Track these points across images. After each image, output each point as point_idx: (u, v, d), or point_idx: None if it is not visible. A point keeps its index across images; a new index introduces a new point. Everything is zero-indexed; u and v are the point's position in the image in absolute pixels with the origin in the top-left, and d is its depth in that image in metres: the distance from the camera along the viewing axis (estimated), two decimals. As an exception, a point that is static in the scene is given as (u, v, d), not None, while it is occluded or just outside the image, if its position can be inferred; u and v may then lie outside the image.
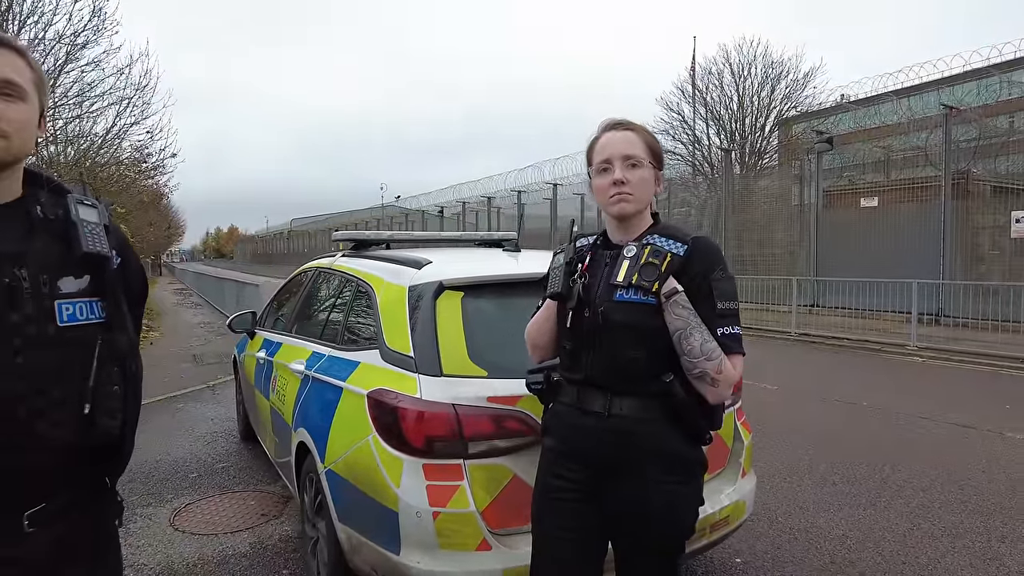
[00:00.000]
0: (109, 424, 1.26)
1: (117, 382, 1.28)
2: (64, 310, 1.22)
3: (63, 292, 1.23)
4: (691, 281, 1.54)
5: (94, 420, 1.23)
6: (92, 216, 1.28)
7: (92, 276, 1.27)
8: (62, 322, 1.21)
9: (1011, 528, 3.47)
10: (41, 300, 1.19)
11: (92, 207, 1.30)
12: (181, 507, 3.88)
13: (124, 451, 1.34)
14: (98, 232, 1.27)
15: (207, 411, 6.35)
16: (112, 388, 1.27)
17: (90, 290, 1.27)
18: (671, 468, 1.57)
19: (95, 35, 11.93)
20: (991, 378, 7.88)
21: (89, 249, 1.24)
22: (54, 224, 1.24)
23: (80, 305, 1.25)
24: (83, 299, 1.26)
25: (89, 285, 1.27)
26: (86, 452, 1.26)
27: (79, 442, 1.23)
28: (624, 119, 1.67)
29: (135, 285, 1.45)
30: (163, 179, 17.96)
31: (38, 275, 1.19)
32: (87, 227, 1.25)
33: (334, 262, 3.61)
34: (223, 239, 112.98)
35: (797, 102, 27.89)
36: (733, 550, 3.21)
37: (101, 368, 1.25)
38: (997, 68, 15.14)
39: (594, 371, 1.60)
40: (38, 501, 1.20)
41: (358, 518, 2.36)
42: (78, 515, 1.28)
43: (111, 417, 1.26)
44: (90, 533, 1.32)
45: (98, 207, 1.31)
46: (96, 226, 1.27)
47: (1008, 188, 12.82)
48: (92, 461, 1.29)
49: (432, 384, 2.21)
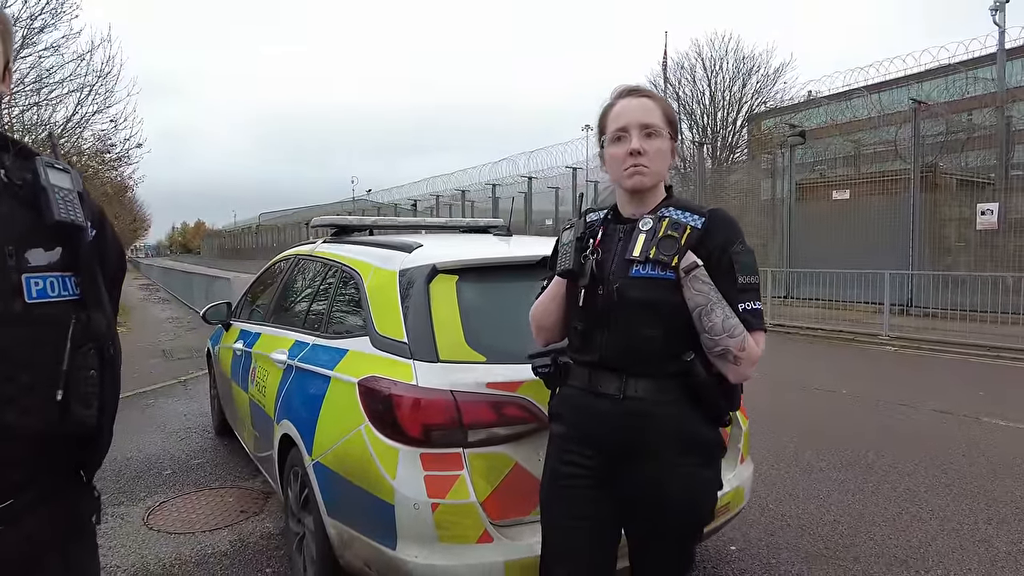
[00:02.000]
0: (84, 413, 1.14)
1: (93, 366, 1.16)
2: (33, 285, 1.09)
3: (32, 265, 1.09)
4: (710, 255, 1.47)
5: (68, 407, 1.11)
6: (64, 181, 1.14)
7: (64, 248, 1.14)
8: (31, 298, 1.08)
9: (996, 511, 3.51)
10: (7, 273, 1.06)
11: (64, 171, 1.16)
12: (155, 505, 3.71)
13: (101, 442, 1.22)
14: (71, 199, 1.13)
15: (179, 407, 6.14)
16: (88, 373, 1.15)
17: (62, 264, 1.14)
18: (690, 451, 1.50)
19: (53, 19, 11.44)
20: (962, 366, 8.05)
21: (61, 217, 1.11)
22: (21, 189, 1.11)
23: (51, 280, 1.12)
24: (54, 273, 1.12)
25: (61, 258, 1.14)
26: (59, 442, 1.14)
27: (51, 431, 1.11)
28: (640, 85, 1.59)
29: (112, 260, 1.32)
30: (128, 170, 17.38)
31: (3, 246, 1.06)
32: (59, 193, 1.12)
33: (315, 248, 3.47)
34: (190, 234, 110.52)
35: (768, 97, 28.25)
36: (727, 538, 3.18)
37: (75, 350, 1.12)
38: (963, 65, 15.50)
39: (608, 352, 1.52)
40: (5, 497, 1.07)
41: (349, 512, 2.25)
42: (50, 511, 1.16)
43: (86, 405, 1.14)
44: (64, 530, 1.20)
45: (71, 172, 1.17)
46: (69, 192, 1.14)
47: (973, 181, 13.16)
48: (66, 452, 1.18)
49: (429, 370, 2.11)
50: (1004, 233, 11.54)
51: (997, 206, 11.48)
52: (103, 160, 14.81)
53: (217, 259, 58.15)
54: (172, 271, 25.89)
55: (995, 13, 12.67)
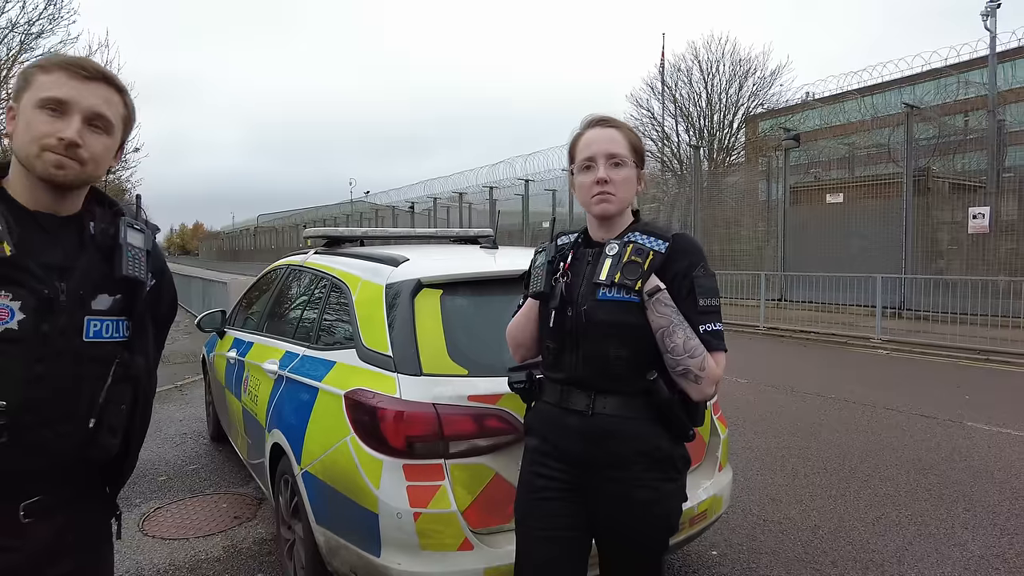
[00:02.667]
0: (110, 441, 1.30)
1: (126, 401, 1.32)
2: (92, 326, 1.26)
3: (95, 309, 1.27)
4: (673, 278, 1.55)
5: (97, 435, 1.27)
6: (138, 241, 1.33)
7: (124, 296, 1.32)
8: (87, 337, 1.25)
9: (972, 515, 3.59)
10: (73, 314, 1.23)
11: (140, 232, 1.35)
12: (150, 511, 3.78)
13: (125, 465, 1.40)
14: (139, 257, 1.32)
15: (175, 412, 6.21)
16: (120, 407, 1.31)
17: (119, 309, 1.31)
18: (655, 465, 1.57)
19: (51, 24, 11.57)
20: (952, 369, 8.13)
21: (127, 273, 1.29)
22: (102, 243, 1.29)
23: (107, 323, 1.29)
24: (111, 317, 1.30)
25: (119, 304, 1.31)
26: (85, 462, 1.30)
27: (78, 453, 1.26)
28: (608, 116, 1.66)
29: (164, 308, 1.50)
30: (126, 174, 17.47)
31: (77, 290, 1.24)
32: (131, 251, 1.30)
33: (307, 259, 3.54)
34: (188, 236, 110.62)
35: (764, 99, 28.41)
36: (709, 543, 3.26)
37: (114, 386, 1.29)
38: (954, 68, 15.60)
39: (577, 370, 1.60)
40: (34, 495, 1.23)
41: (336, 520, 2.32)
42: (76, 512, 1.31)
43: (112, 435, 1.30)
44: (89, 529, 1.36)
45: (145, 232, 1.36)
46: (140, 251, 1.32)
47: (965, 185, 13.26)
48: (91, 470, 1.33)
49: (412, 383, 2.18)
50: (995, 237, 11.64)
51: (988, 210, 11.58)
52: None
53: (215, 261, 58.19)
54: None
55: (986, 18, 12.77)
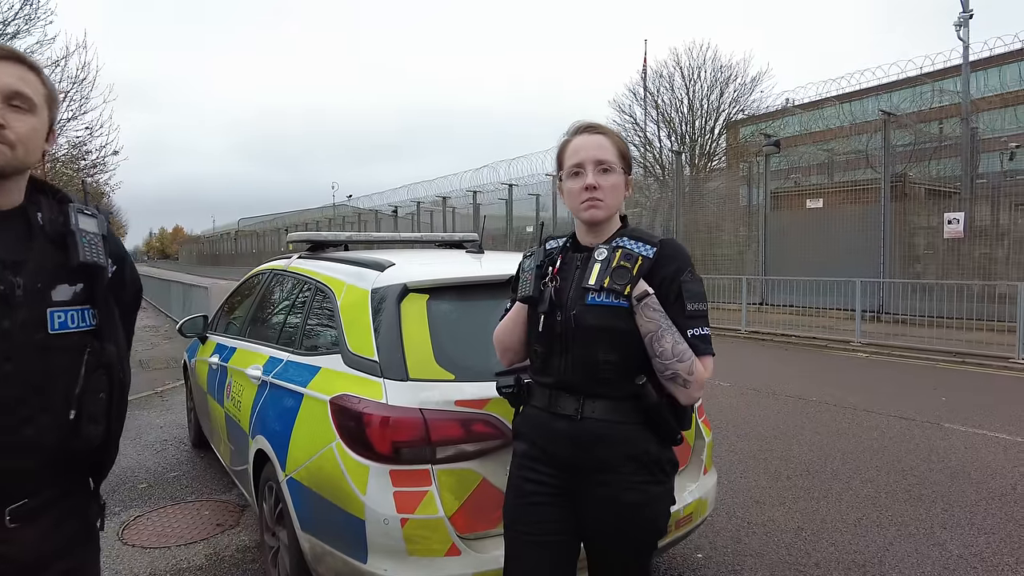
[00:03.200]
0: (93, 431, 1.29)
1: (103, 389, 1.31)
2: (56, 318, 1.24)
3: (56, 300, 1.25)
4: (661, 283, 1.56)
5: (79, 426, 1.26)
6: (91, 226, 1.31)
7: (85, 284, 1.29)
8: (53, 329, 1.23)
9: (951, 515, 3.65)
10: (33, 307, 1.21)
11: (92, 217, 1.32)
12: (130, 520, 3.72)
13: (108, 456, 1.39)
14: (96, 242, 1.29)
15: (155, 418, 6.12)
16: (98, 396, 1.30)
17: (82, 298, 1.29)
18: (643, 469, 1.58)
19: (27, 24, 11.37)
20: (929, 372, 8.27)
21: (86, 259, 1.26)
22: (53, 232, 1.27)
23: (72, 313, 1.27)
24: (75, 307, 1.28)
25: (82, 293, 1.29)
26: (70, 454, 1.28)
27: (63, 446, 1.25)
28: (596, 122, 1.68)
29: (129, 294, 1.48)
30: (104, 177, 17.20)
31: (34, 282, 1.21)
32: (85, 237, 1.28)
33: (290, 264, 3.52)
34: (167, 240, 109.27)
35: (745, 106, 28.74)
36: (694, 546, 3.28)
37: (89, 375, 1.28)
38: (929, 76, 15.93)
39: (566, 374, 1.60)
40: (20, 498, 1.22)
41: (322, 526, 2.30)
42: (62, 513, 1.30)
43: (95, 424, 1.29)
44: (75, 530, 1.34)
45: (98, 217, 1.33)
46: (95, 236, 1.30)
47: (940, 191, 13.52)
48: (76, 463, 1.32)
49: (398, 389, 2.17)
50: (970, 241, 11.88)
51: (963, 215, 11.81)
52: (78, 167, 14.64)
53: (195, 265, 57.51)
54: (148, 278, 25.55)
55: (959, 28, 13.05)
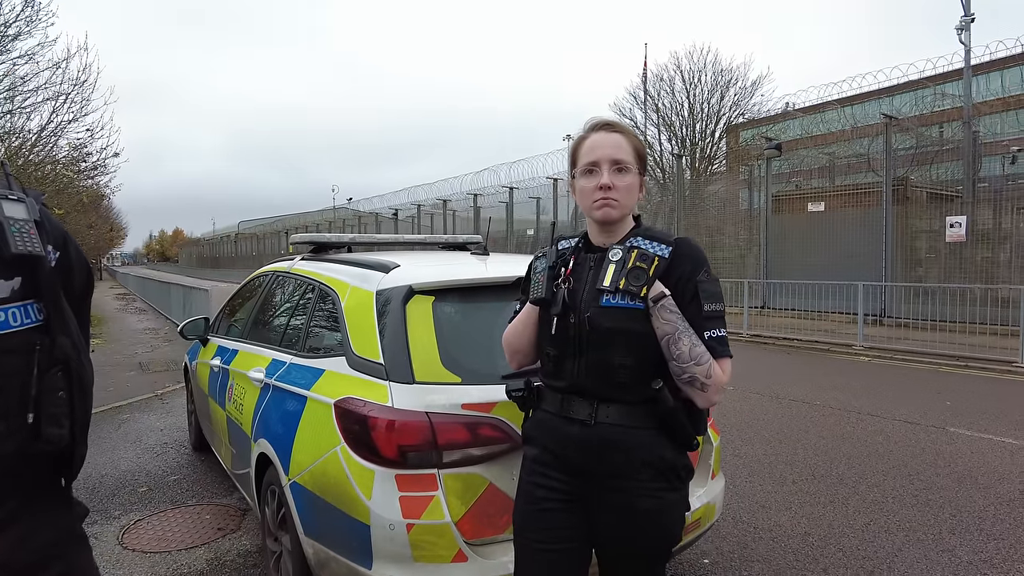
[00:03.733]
0: (56, 432, 1.20)
1: (61, 387, 1.21)
2: None
3: None
4: (676, 284, 1.53)
5: (39, 428, 1.17)
6: (20, 212, 1.18)
7: (24, 277, 1.18)
8: None
9: (959, 520, 3.61)
10: None
11: (19, 202, 1.19)
12: (130, 524, 3.68)
13: (76, 455, 1.29)
14: (27, 229, 1.17)
15: (155, 421, 6.08)
16: (57, 394, 1.21)
17: (23, 292, 1.18)
18: (659, 475, 1.55)
19: (28, 26, 11.33)
20: (932, 376, 8.24)
21: (19, 250, 1.14)
22: None
23: (13, 310, 1.16)
24: (16, 304, 1.17)
25: (22, 287, 1.18)
26: (35, 459, 1.21)
27: (25, 451, 1.17)
28: (612, 120, 1.64)
29: (78, 280, 1.36)
30: (104, 179, 17.16)
31: None
32: (14, 225, 1.16)
33: (293, 266, 3.49)
34: (167, 242, 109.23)
35: (745, 109, 28.72)
36: (700, 551, 3.24)
37: (43, 374, 1.18)
38: (931, 80, 15.92)
39: (579, 378, 1.56)
40: None
41: (326, 532, 2.27)
42: (35, 520, 1.23)
43: (57, 425, 1.20)
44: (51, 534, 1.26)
45: (26, 201, 1.21)
46: (25, 223, 1.18)
47: (942, 194, 13.51)
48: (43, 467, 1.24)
49: (404, 392, 2.14)
50: (972, 245, 11.85)
51: (965, 219, 11.79)
52: (79, 169, 14.62)
53: (196, 268, 57.47)
54: (148, 280, 25.52)
55: (961, 32, 13.05)
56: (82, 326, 1.35)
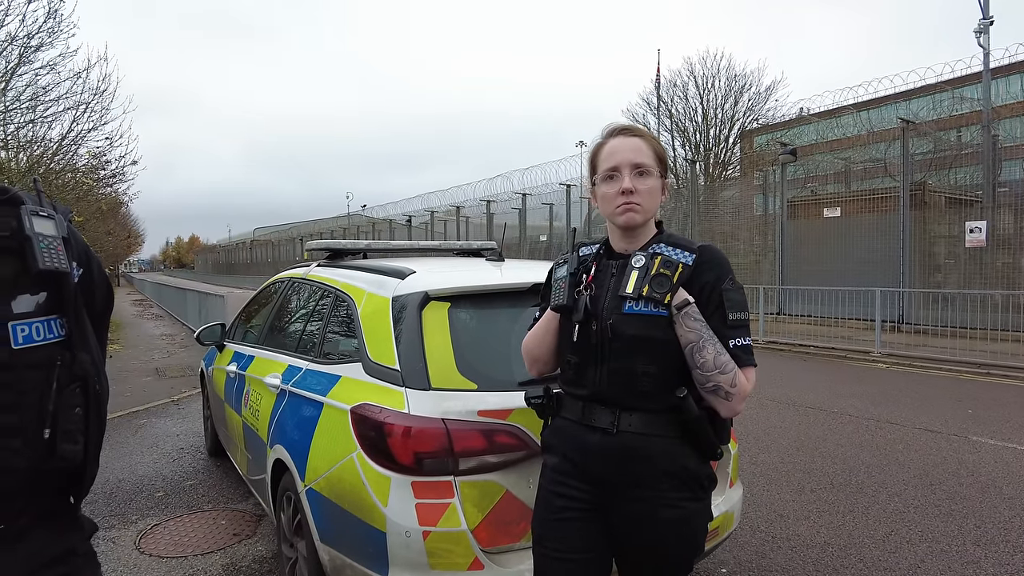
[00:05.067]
0: (71, 449, 1.21)
1: (79, 403, 1.22)
2: (19, 332, 1.14)
3: (17, 312, 1.15)
4: (701, 291, 1.51)
5: (55, 444, 1.18)
6: (49, 228, 1.19)
7: (49, 292, 1.19)
8: (17, 344, 1.14)
9: (984, 531, 3.54)
10: None
11: (49, 219, 1.21)
12: (147, 529, 3.70)
13: (87, 473, 1.30)
14: (54, 246, 1.18)
15: (172, 426, 6.12)
16: (74, 411, 1.21)
17: (47, 307, 1.19)
18: (682, 485, 1.52)
19: (50, 37, 11.51)
20: (952, 383, 8.10)
21: (46, 266, 1.15)
22: (6, 239, 1.16)
23: (37, 325, 1.17)
24: (40, 318, 1.18)
25: (46, 302, 1.19)
26: (48, 474, 1.21)
27: (39, 466, 1.17)
28: (632, 124, 1.63)
29: (99, 297, 1.37)
30: (123, 187, 17.40)
31: None
32: (43, 241, 1.17)
33: (309, 272, 3.50)
34: (184, 249, 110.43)
35: (759, 114, 28.59)
36: (718, 560, 3.20)
37: (61, 390, 1.19)
38: (948, 84, 15.75)
39: (602, 386, 1.54)
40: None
41: (341, 538, 2.27)
42: (45, 534, 1.23)
43: (72, 441, 1.21)
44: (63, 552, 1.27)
45: (55, 218, 1.22)
46: (53, 239, 1.19)
47: (961, 199, 13.32)
48: (55, 482, 1.24)
49: (420, 398, 2.14)
50: (992, 250, 11.67)
51: (985, 224, 11.62)
52: (98, 177, 14.82)
53: (211, 274, 58.02)
54: (165, 286, 25.79)
55: (979, 35, 12.89)
56: (100, 343, 1.36)
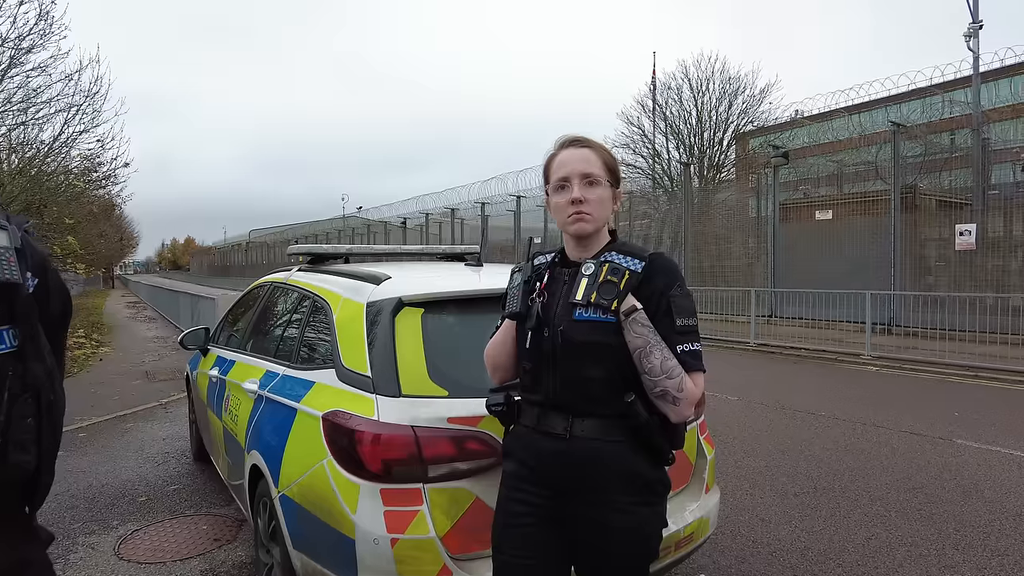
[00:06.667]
0: (22, 458, 1.21)
1: (31, 413, 1.22)
2: None
3: None
4: (649, 298, 1.53)
5: (6, 454, 1.18)
6: (1, 240, 1.19)
7: (1, 304, 1.19)
8: None
9: (963, 535, 3.55)
10: None
11: (2, 229, 1.21)
12: (128, 534, 3.69)
13: (41, 483, 1.29)
14: (6, 257, 1.18)
15: (158, 430, 6.10)
16: (26, 420, 1.21)
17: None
18: (634, 490, 1.54)
19: (41, 39, 11.48)
20: (940, 386, 8.13)
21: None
22: None
23: None
24: None
25: None
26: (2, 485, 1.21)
27: None
28: (581, 136, 1.65)
29: (55, 307, 1.37)
30: (115, 189, 17.34)
31: None
32: None
33: (290, 276, 3.50)
34: (179, 250, 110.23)
35: (753, 117, 28.70)
36: (697, 566, 3.20)
37: (13, 401, 1.19)
38: (939, 88, 15.83)
39: (555, 392, 1.56)
40: None
41: (313, 545, 2.26)
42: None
43: (24, 451, 1.21)
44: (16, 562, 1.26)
45: (8, 228, 1.22)
46: (5, 251, 1.18)
47: (951, 202, 13.37)
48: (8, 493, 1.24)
49: (390, 405, 2.14)
50: (982, 253, 11.73)
51: (975, 227, 11.68)
52: (90, 179, 14.78)
53: (206, 276, 57.88)
54: (158, 289, 25.72)
55: (969, 39, 12.98)
56: (57, 353, 1.35)
